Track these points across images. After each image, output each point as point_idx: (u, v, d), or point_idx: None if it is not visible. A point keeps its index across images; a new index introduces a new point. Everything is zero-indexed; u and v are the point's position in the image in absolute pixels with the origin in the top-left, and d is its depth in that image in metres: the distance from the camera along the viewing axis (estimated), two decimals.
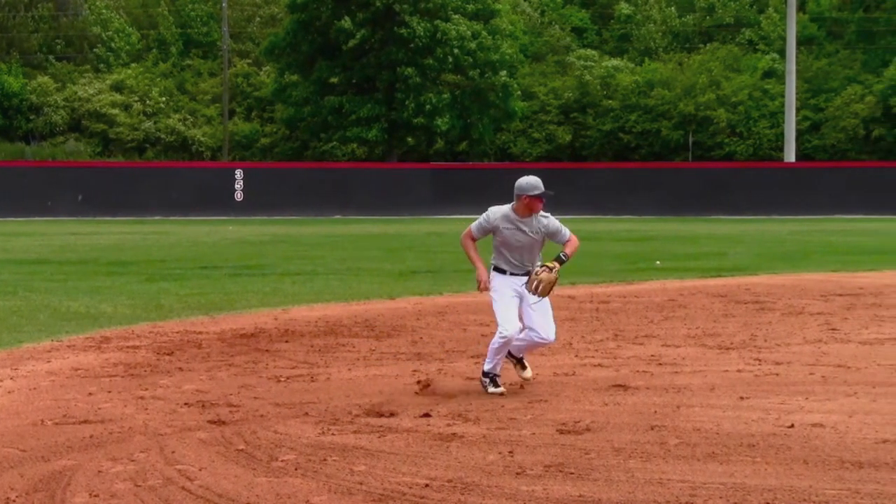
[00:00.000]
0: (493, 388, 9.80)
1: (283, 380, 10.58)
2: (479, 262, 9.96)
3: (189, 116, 71.83)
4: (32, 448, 7.96)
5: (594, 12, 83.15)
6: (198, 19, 79.36)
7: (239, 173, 56.39)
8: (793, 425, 8.38)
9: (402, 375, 10.70)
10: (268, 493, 6.84)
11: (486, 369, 9.88)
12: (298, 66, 64.83)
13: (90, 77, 72.43)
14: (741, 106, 68.58)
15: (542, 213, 9.74)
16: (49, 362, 11.62)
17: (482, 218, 9.86)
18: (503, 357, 9.89)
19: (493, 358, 9.81)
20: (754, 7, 78.65)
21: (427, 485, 6.96)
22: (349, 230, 41.65)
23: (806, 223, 46.89)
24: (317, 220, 52.27)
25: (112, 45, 75.44)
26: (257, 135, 71.73)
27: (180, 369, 11.20)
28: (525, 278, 9.78)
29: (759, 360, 11.39)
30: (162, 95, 71.36)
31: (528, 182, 9.68)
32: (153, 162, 66.47)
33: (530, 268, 9.81)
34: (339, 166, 63.12)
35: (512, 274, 9.81)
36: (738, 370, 10.84)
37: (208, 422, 8.77)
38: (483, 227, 9.85)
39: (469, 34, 62.81)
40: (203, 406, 9.36)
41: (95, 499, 6.76)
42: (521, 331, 9.81)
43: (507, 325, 9.66)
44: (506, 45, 65.46)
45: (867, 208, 54.35)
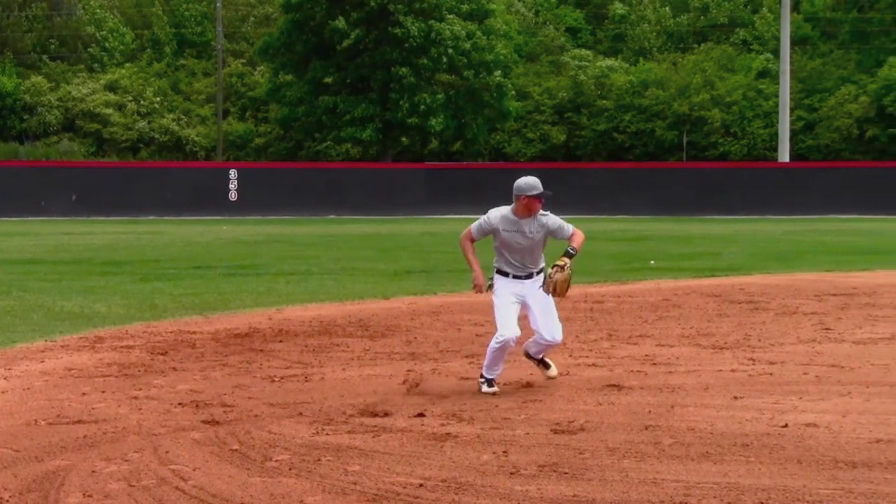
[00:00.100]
0: (487, 388, 9.80)
1: (277, 380, 10.57)
2: (475, 264, 9.95)
3: (183, 116, 71.77)
4: (26, 448, 7.95)
5: (588, 12, 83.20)
6: (192, 19, 79.33)
7: (233, 173, 56.39)
8: (787, 425, 8.39)
9: (397, 375, 10.69)
10: (262, 493, 6.84)
11: (483, 373, 9.88)
12: (293, 65, 64.82)
13: (84, 77, 72.34)
14: (735, 106, 68.64)
15: (541, 212, 9.75)
16: (43, 362, 11.61)
17: (482, 219, 9.86)
18: (503, 361, 9.88)
19: (490, 361, 9.80)
20: (748, 7, 78.70)
21: (421, 485, 6.95)
22: (343, 230, 41.64)
23: (800, 223, 46.93)
24: (311, 219, 52.24)
25: (106, 45, 75.37)
26: (251, 135, 71.68)
27: (174, 369, 11.19)
28: (526, 280, 9.78)
29: (753, 360, 11.40)
30: (156, 95, 71.30)
31: (526, 182, 9.68)
32: (147, 162, 66.42)
33: (532, 269, 9.81)
34: (334, 166, 63.10)
35: (514, 276, 9.80)
36: (732, 370, 10.85)
37: (202, 422, 8.76)
38: (482, 228, 9.85)
39: (463, 34, 62.81)
40: (197, 406, 9.35)
41: (89, 499, 6.75)
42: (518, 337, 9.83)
43: (505, 329, 9.66)
44: (500, 45, 65.49)
45: (861, 208, 54.43)
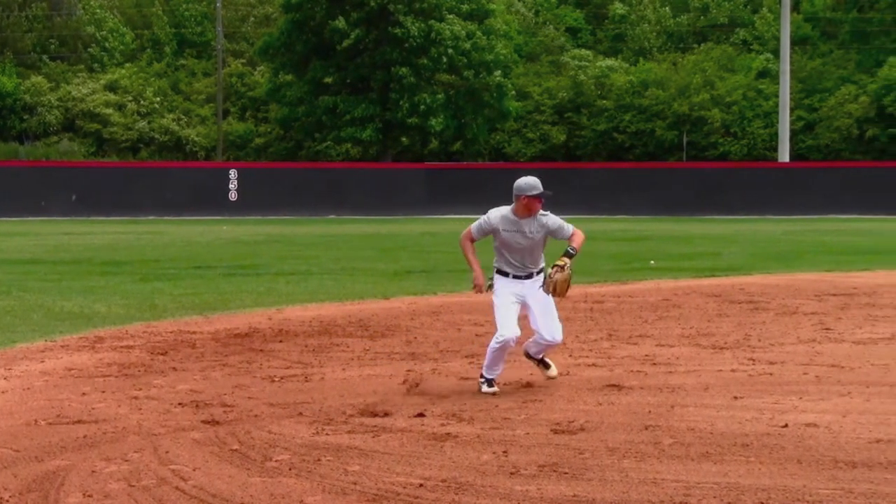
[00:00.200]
0: (487, 388, 9.80)
1: (277, 380, 10.57)
2: (475, 264, 9.95)
3: (183, 116, 71.76)
4: (26, 448, 7.95)
5: (588, 12, 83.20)
6: (192, 19, 79.33)
7: (233, 173, 56.38)
8: (787, 425, 8.39)
9: (397, 375, 10.69)
10: (262, 493, 6.84)
11: (483, 373, 9.88)
12: (293, 65, 64.81)
13: (84, 77, 72.32)
14: (735, 106, 68.62)
15: (541, 212, 9.75)
16: (43, 362, 11.60)
17: (482, 219, 9.86)
18: (503, 361, 9.88)
19: (490, 361, 9.80)
20: (748, 7, 78.69)
21: (421, 485, 6.95)
22: (343, 230, 41.64)
23: (800, 223, 46.93)
24: (311, 219, 52.24)
25: (106, 45, 75.35)
26: (251, 135, 71.68)
27: (174, 369, 11.19)
28: (526, 280, 9.78)
29: (753, 360, 11.40)
30: (156, 95, 71.28)
31: (526, 182, 9.68)
32: (147, 162, 66.41)
33: (532, 270, 9.81)
34: (334, 166, 63.10)
35: (515, 276, 9.81)
36: (732, 370, 10.85)
37: (202, 422, 8.76)
38: (482, 228, 9.85)
39: (463, 34, 62.81)
40: (197, 406, 9.35)
41: (89, 499, 6.75)
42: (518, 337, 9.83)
43: (505, 329, 9.66)
44: (500, 45, 65.49)
45: (861, 208, 54.42)
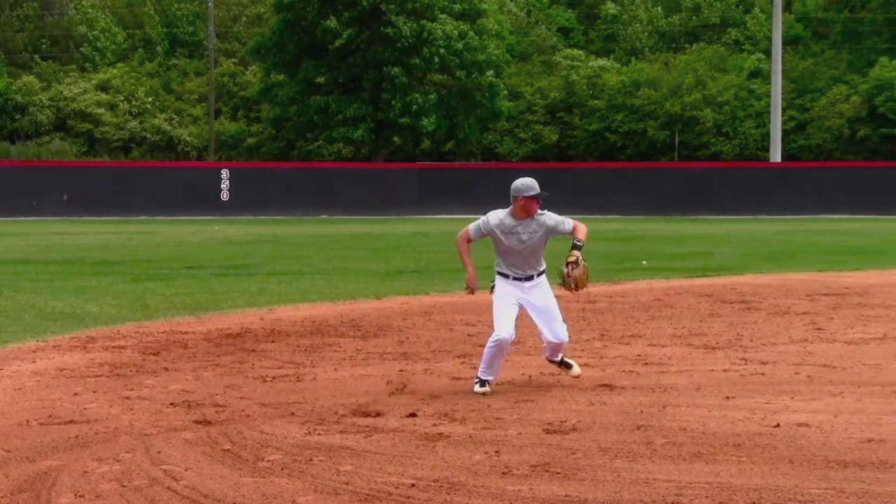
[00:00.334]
0: (479, 388, 9.80)
1: (269, 380, 10.56)
2: (469, 266, 9.97)
3: (175, 116, 71.67)
4: (17, 448, 7.93)
5: (580, 12, 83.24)
6: (184, 19, 79.25)
7: (225, 173, 56.30)
8: (778, 425, 8.40)
9: (389, 375, 10.69)
10: (254, 493, 6.83)
11: (479, 374, 9.88)
12: (284, 65, 64.77)
13: (76, 76, 72.20)
14: (727, 106, 68.69)
15: (538, 211, 9.75)
16: (34, 362, 11.58)
17: (481, 220, 9.87)
18: (500, 363, 9.88)
19: (486, 361, 9.80)
20: (740, 7, 78.80)
21: (413, 485, 6.95)
22: (335, 230, 41.62)
23: (792, 223, 46.99)
24: (303, 219, 52.20)
25: (98, 45, 75.23)
26: (243, 134, 71.63)
27: (166, 369, 11.17)
28: (526, 283, 9.80)
29: (745, 360, 11.41)
30: (148, 95, 71.17)
31: (523, 183, 9.69)
32: (139, 162, 66.33)
33: (533, 272, 9.81)
34: (326, 166, 63.06)
35: (514, 278, 9.82)
36: (724, 370, 10.86)
37: (194, 422, 8.75)
38: (480, 229, 9.86)
39: (455, 34, 62.82)
40: (189, 406, 9.34)
41: (81, 499, 6.74)
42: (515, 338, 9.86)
43: (501, 330, 9.68)
44: (492, 45, 65.51)
45: (853, 208, 54.49)
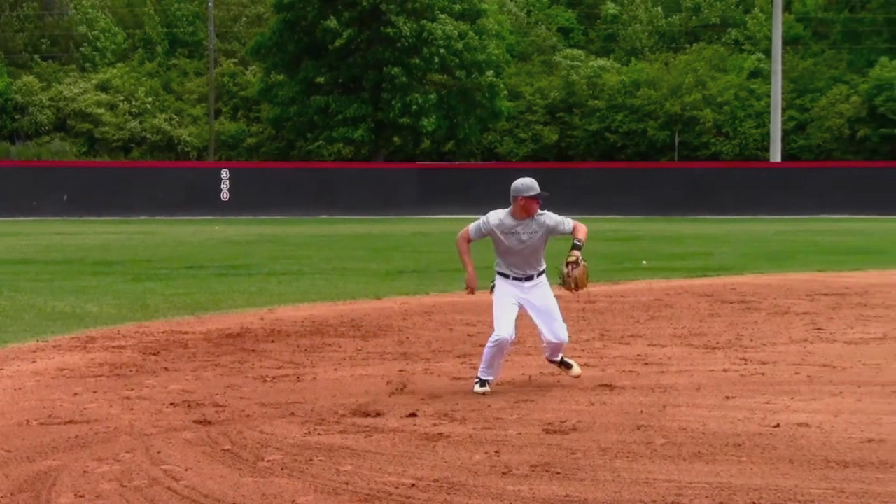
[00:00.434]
0: (478, 388, 9.80)
1: (269, 380, 10.56)
2: (469, 266, 9.97)
3: (175, 116, 71.66)
4: (17, 448, 7.93)
5: (580, 12, 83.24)
6: (184, 19, 79.24)
7: (225, 173, 56.30)
8: (778, 425, 8.40)
9: (389, 375, 10.69)
10: (254, 493, 6.83)
11: (479, 374, 9.88)
12: (284, 65, 64.77)
13: (76, 76, 72.19)
14: (727, 106, 68.68)
15: (538, 211, 9.75)
16: (34, 362, 11.58)
17: (481, 220, 9.87)
18: (500, 363, 9.88)
19: (486, 361, 9.80)
20: (740, 7, 78.79)
21: (413, 485, 6.95)
22: (335, 230, 41.61)
23: (792, 223, 46.98)
24: (303, 219, 52.19)
25: (98, 45, 75.22)
26: (243, 134, 71.62)
27: (166, 369, 11.17)
28: (526, 283, 9.80)
29: (745, 360, 11.41)
30: (148, 95, 71.17)
31: (523, 184, 9.69)
32: (139, 162, 66.32)
33: (533, 272, 9.81)
34: (326, 166, 63.06)
35: (515, 278, 9.82)
36: (724, 370, 10.86)
37: (194, 422, 8.75)
38: (480, 229, 9.86)
39: (455, 34, 62.82)
40: (189, 406, 9.34)
41: (81, 499, 6.74)
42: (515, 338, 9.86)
43: (501, 330, 9.69)
44: (492, 45, 65.50)
45: (853, 208, 54.48)
